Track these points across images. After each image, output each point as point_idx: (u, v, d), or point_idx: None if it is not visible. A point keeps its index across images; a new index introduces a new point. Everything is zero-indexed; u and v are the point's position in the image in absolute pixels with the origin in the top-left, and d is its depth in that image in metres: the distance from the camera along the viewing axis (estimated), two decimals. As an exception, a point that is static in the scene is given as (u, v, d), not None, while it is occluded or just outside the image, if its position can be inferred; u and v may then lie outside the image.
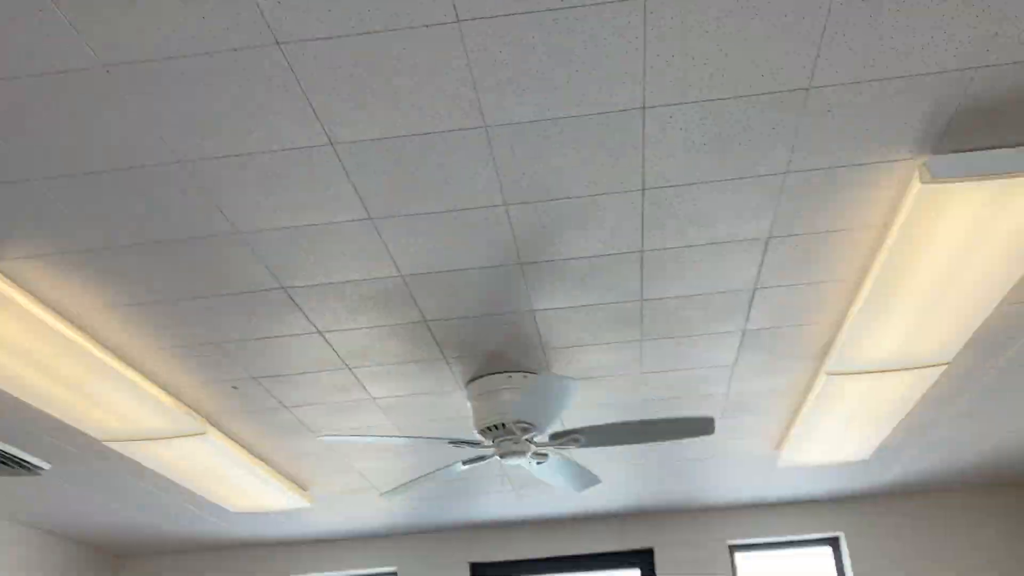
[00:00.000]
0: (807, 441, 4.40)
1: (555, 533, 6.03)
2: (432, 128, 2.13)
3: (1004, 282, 2.88)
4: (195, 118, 2.04)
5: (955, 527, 5.70)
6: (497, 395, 3.57)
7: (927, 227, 2.54)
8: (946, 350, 3.39)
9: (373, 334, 3.19)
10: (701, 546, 5.85)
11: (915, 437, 4.63)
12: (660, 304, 3.08)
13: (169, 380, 3.48)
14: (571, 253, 2.73)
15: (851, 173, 2.41)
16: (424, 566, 6.05)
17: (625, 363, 3.55)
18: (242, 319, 3.02)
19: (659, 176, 2.37)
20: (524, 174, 2.33)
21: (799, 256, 2.82)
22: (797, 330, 3.34)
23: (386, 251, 2.66)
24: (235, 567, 6.22)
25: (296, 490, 4.90)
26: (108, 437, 3.84)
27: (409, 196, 2.40)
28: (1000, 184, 2.35)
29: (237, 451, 4.18)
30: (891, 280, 2.83)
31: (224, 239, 2.54)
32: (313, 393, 3.68)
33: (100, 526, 5.48)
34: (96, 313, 2.92)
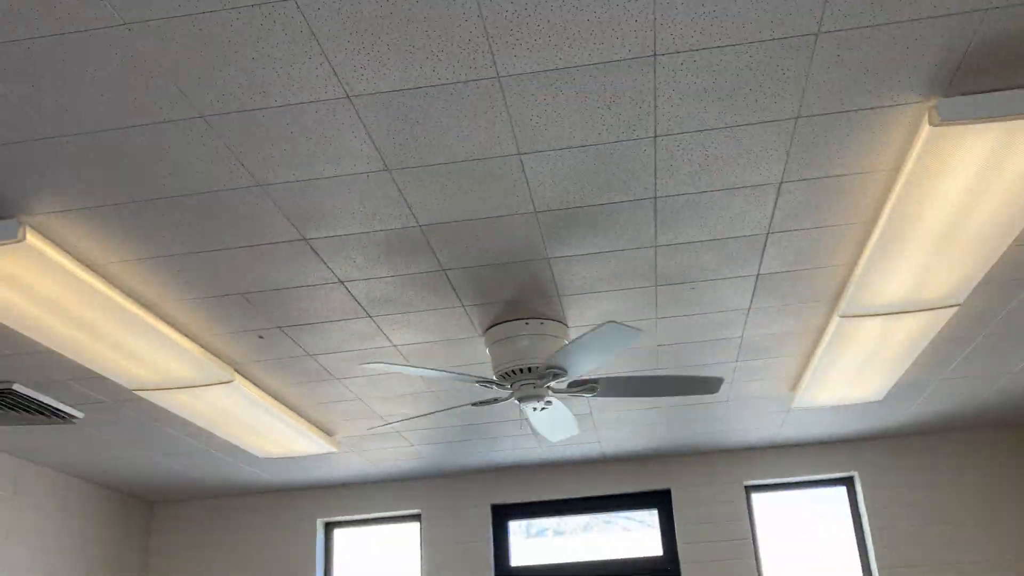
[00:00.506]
0: (821, 383, 4.47)
1: (574, 475, 6.16)
2: (446, 79, 2.17)
3: (1014, 224, 2.90)
4: (215, 73, 2.10)
5: (967, 466, 5.78)
6: (515, 341, 3.65)
7: (937, 170, 2.56)
8: (957, 292, 3.42)
9: (393, 283, 3.27)
10: (717, 487, 5.97)
11: (927, 378, 4.68)
12: (674, 250, 3.13)
13: (196, 331, 3.58)
14: (585, 200, 2.78)
15: (861, 117, 2.43)
16: (447, 508, 6.22)
17: (640, 309, 3.61)
18: (266, 270, 3.11)
19: (671, 123, 2.41)
20: (537, 123, 2.37)
21: (811, 200, 2.85)
22: (810, 273, 3.38)
23: (403, 201, 2.72)
24: (265, 511, 6.42)
25: (322, 435, 5.03)
26: (138, 386, 3.96)
27: (425, 147, 2.45)
28: (1009, 126, 2.37)
29: (264, 398, 4.30)
30: (902, 223, 2.87)
31: (246, 192, 2.61)
32: (336, 341, 3.77)
33: (133, 473, 5.66)
34: (123, 266, 3.01)
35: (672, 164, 2.60)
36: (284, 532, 6.34)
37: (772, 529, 5.98)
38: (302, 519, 6.35)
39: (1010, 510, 5.67)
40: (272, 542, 6.33)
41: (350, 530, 6.45)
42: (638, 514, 6.17)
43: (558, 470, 6.20)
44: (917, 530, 5.70)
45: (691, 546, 5.86)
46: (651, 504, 6.12)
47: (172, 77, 2.10)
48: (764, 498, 6.05)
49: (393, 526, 6.42)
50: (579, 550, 6.17)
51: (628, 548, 6.09)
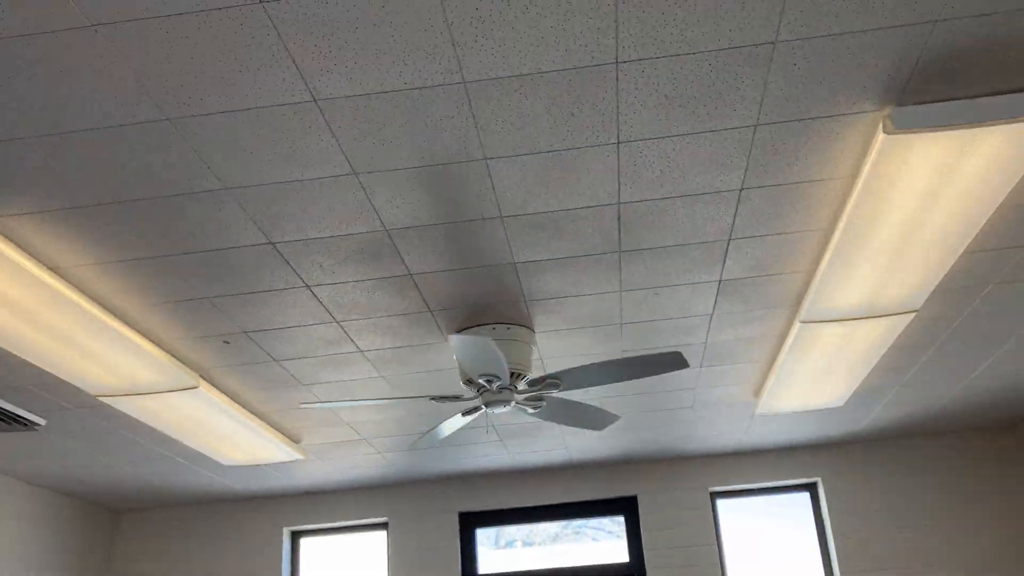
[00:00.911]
0: (784, 388, 4.54)
1: (542, 482, 6.19)
2: (413, 84, 2.20)
3: (968, 230, 2.98)
4: (181, 76, 2.11)
5: (928, 471, 5.89)
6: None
7: (892, 177, 2.64)
8: (914, 298, 3.51)
9: (360, 288, 3.29)
10: (683, 493, 6.03)
11: (887, 384, 4.78)
12: (638, 255, 3.18)
13: (161, 335, 3.57)
14: (550, 206, 2.82)
15: (818, 125, 2.49)
16: (415, 516, 6.22)
17: (605, 314, 3.66)
18: (231, 274, 3.11)
19: (633, 130, 2.46)
20: (502, 128, 2.41)
21: (771, 207, 2.91)
22: (771, 279, 3.45)
23: (370, 205, 2.74)
24: (231, 519, 6.37)
25: (288, 443, 5.02)
26: (101, 392, 3.94)
27: (392, 151, 2.47)
28: (961, 135, 2.44)
29: (230, 405, 4.29)
30: (859, 230, 2.94)
31: (212, 195, 2.62)
32: (303, 347, 3.78)
33: (97, 481, 5.60)
34: (88, 269, 3.00)
35: (635, 170, 2.65)
36: (250, 541, 6.30)
37: (737, 535, 6.04)
38: (268, 527, 6.32)
39: (970, 514, 5.78)
40: (238, 551, 6.29)
41: (316, 539, 6.42)
42: (607, 523, 6.21)
43: (525, 477, 6.22)
44: (879, 535, 5.79)
45: (657, 552, 5.90)
46: (618, 510, 6.16)
47: (139, 80, 2.11)
48: (729, 504, 6.11)
49: (360, 534, 6.41)
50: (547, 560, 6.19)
51: (595, 555, 6.12)
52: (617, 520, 6.17)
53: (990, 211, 2.88)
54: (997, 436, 5.93)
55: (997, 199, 2.81)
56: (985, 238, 3.21)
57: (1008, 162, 2.59)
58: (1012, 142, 2.49)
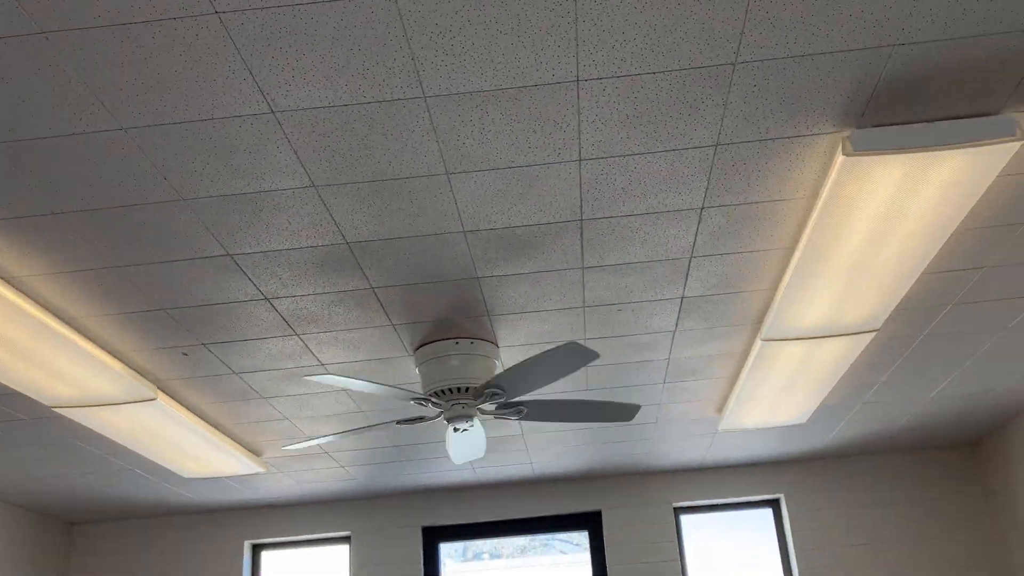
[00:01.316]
0: (746, 405, 4.56)
1: (506, 497, 6.16)
2: (372, 97, 2.18)
3: (926, 251, 3.01)
4: (137, 86, 2.08)
5: (890, 488, 5.94)
6: (446, 360, 3.65)
7: (851, 198, 2.65)
8: (875, 318, 3.53)
9: (320, 300, 3.25)
10: (647, 508, 6.03)
11: (849, 401, 4.81)
12: (601, 272, 3.18)
13: (117, 346, 3.51)
14: (513, 222, 2.81)
15: (778, 146, 2.51)
16: (377, 530, 6.16)
17: (568, 329, 3.65)
18: (189, 286, 3.06)
19: (595, 147, 2.45)
20: (464, 144, 2.40)
21: (732, 226, 2.92)
22: (733, 297, 3.46)
23: (330, 218, 2.71)
24: (190, 532, 6.27)
25: (249, 456, 4.95)
26: (57, 403, 3.86)
27: (352, 164, 2.45)
28: (918, 157, 2.47)
29: (188, 417, 4.22)
30: (820, 249, 2.96)
31: (169, 206, 2.58)
32: (263, 360, 3.73)
33: (52, 493, 5.49)
34: (42, 279, 2.94)
35: (597, 188, 2.65)
36: (210, 554, 6.20)
37: (700, 551, 6.05)
38: (228, 541, 6.23)
39: (931, 531, 5.83)
40: (198, 564, 6.19)
41: (278, 552, 6.34)
42: (574, 536, 6.19)
43: (489, 492, 6.19)
44: (841, 552, 5.82)
45: (621, 567, 5.89)
46: (582, 525, 6.14)
47: (91, 88, 2.07)
48: (692, 520, 6.12)
49: (322, 548, 6.33)
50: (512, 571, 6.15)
51: (560, 570, 6.10)
52: (583, 534, 6.15)
53: (948, 233, 2.91)
54: (957, 454, 5.99)
55: (955, 221, 2.84)
56: (943, 259, 3.24)
57: (965, 185, 2.62)
58: (969, 166, 2.52)
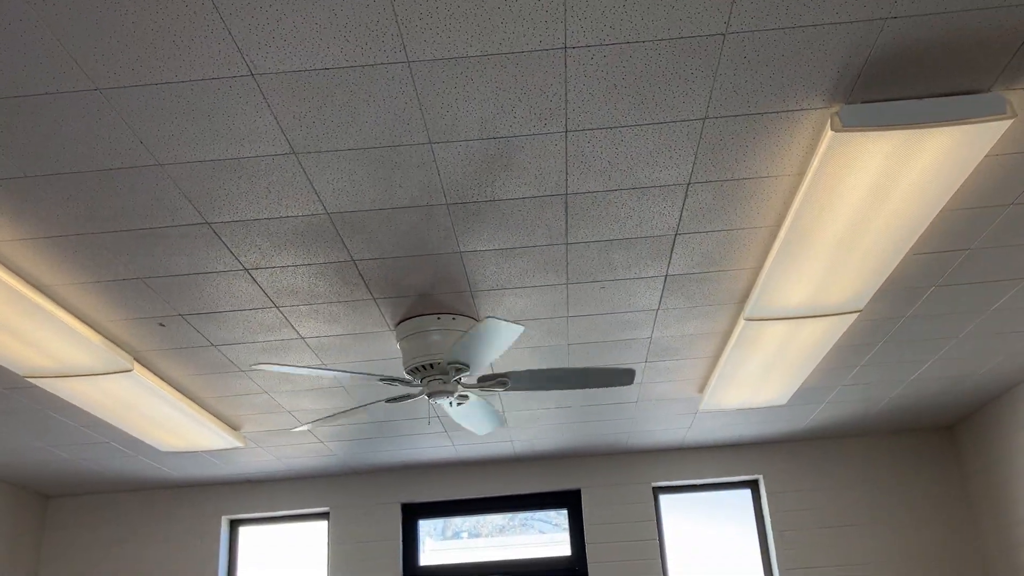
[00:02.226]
0: (728, 385, 4.55)
1: (485, 475, 6.15)
2: (354, 61, 2.13)
3: (911, 231, 3.00)
4: (112, 45, 2.02)
5: (868, 470, 5.97)
6: (426, 336, 3.62)
7: (839, 175, 2.63)
8: (858, 298, 3.53)
9: (300, 273, 3.20)
10: (626, 488, 6.03)
11: (830, 383, 4.82)
12: (584, 248, 3.15)
13: (93, 316, 3.45)
14: (497, 195, 2.77)
15: (767, 120, 2.48)
16: (356, 506, 6.13)
17: (552, 306, 3.62)
18: (166, 254, 3.01)
19: (581, 118, 2.41)
20: (448, 112, 2.35)
21: (718, 203, 2.90)
22: (717, 276, 3.44)
23: (311, 187, 2.66)
24: (167, 507, 6.23)
25: (227, 430, 4.91)
26: (31, 373, 3.80)
27: (333, 131, 2.40)
28: (907, 134, 2.44)
29: (166, 389, 4.17)
30: (805, 228, 2.93)
31: (145, 171, 2.52)
32: (241, 332, 3.68)
33: (26, 465, 5.42)
34: (13, 245, 2.88)
35: (583, 160, 2.61)
36: (187, 529, 6.16)
37: (679, 530, 6.07)
38: (206, 516, 6.19)
39: (908, 513, 5.87)
40: (174, 539, 6.15)
41: (256, 528, 6.31)
42: (553, 516, 6.20)
43: (469, 469, 6.17)
44: (819, 533, 5.85)
45: (599, 546, 5.90)
46: (561, 504, 6.15)
47: (65, 46, 2.01)
48: (671, 500, 6.13)
49: (300, 524, 6.31)
50: (490, 550, 6.16)
51: (538, 549, 6.11)
52: (561, 513, 6.15)
53: (934, 213, 2.90)
54: (935, 437, 6.03)
55: (941, 201, 2.83)
56: (928, 240, 3.23)
57: (953, 164, 2.61)
58: (957, 144, 2.50)
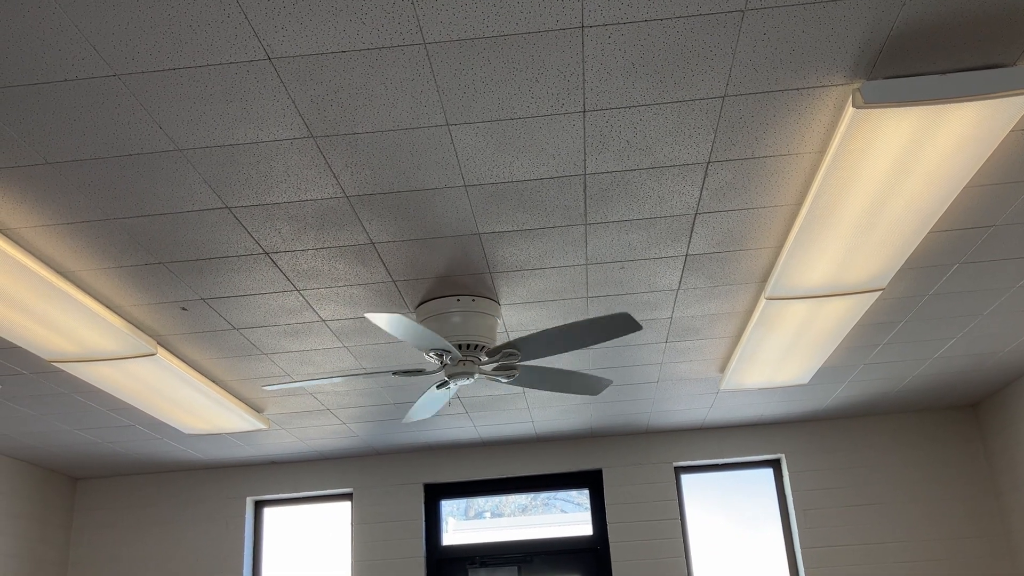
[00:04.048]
0: (749, 365, 4.54)
1: (507, 455, 6.18)
2: (371, 44, 2.13)
3: (934, 208, 2.96)
4: (129, 31, 2.02)
5: (891, 448, 5.94)
6: (447, 317, 3.63)
7: (860, 152, 2.60)
8: (880, 277, 3.49)
9: (320, 256, 3.21)
10: (647, 468, 6.04)
11: (852, 362, 4.79)
12: (604, 228, 3.13)
13: (116, 300, 3.48)
14: (515, 176, 2.76)
15: (787, 98, 2.45)
16: (380, 487, 6.18)
17: (571, 287, 3.61)
18: (187, 239, 3.03)
19: (599, 98, 2.40)
20: (465, 93, 2.34)
21: (738, 181, 2.87)
22: (738, 255, 3.42)
23: (329, 171, 2.66)
24: (192, 489, 6.30)
25: (251, 412, 4.95)
26: (56, 358, 3.84)
27: (351, 114, 2.40)
28: (930, 110, 2.41)
29: (189, 373, 4.21)
30: (826, 206, 2.91)
31: (165, 157, 2.53)
32: (263, 315, 3.70)
33: (54, 448, 5.50)
34: (36, 231, 2.91)
35: (601, 141, 2.60)
36: (212, 510, 6.24)
37: (700, 510, 6.07)
38: (231, 497, 6.26)
39: (930, 491, 5.84)
40: (200, 520, 6.23)
41: (280, 508, 6.38)
42: (575, 495, 6.22)
43: (491, 450, 6.20)
44: (841, 511, 5.84)
45: (621, 526, 5.92)
46: (583, 484, 6.17)
47: (82, 32, 2.02)
48: (693, 479, 6.14)
49: (324, 505, 6.37)
50: (513, 530, 6.19)
51: (560, 528, 6.13)
52: (583, 493, 6.17)
53: (957, 190, 2.86)
54: (958, 415, 5.99)
55: (965, 178, 2.79)
56: (951, 218, 3.19)
57: (977, 140, 2.57)
58: (981, 119, 2.46)
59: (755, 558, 5.95)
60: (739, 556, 5.95)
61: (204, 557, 6.13)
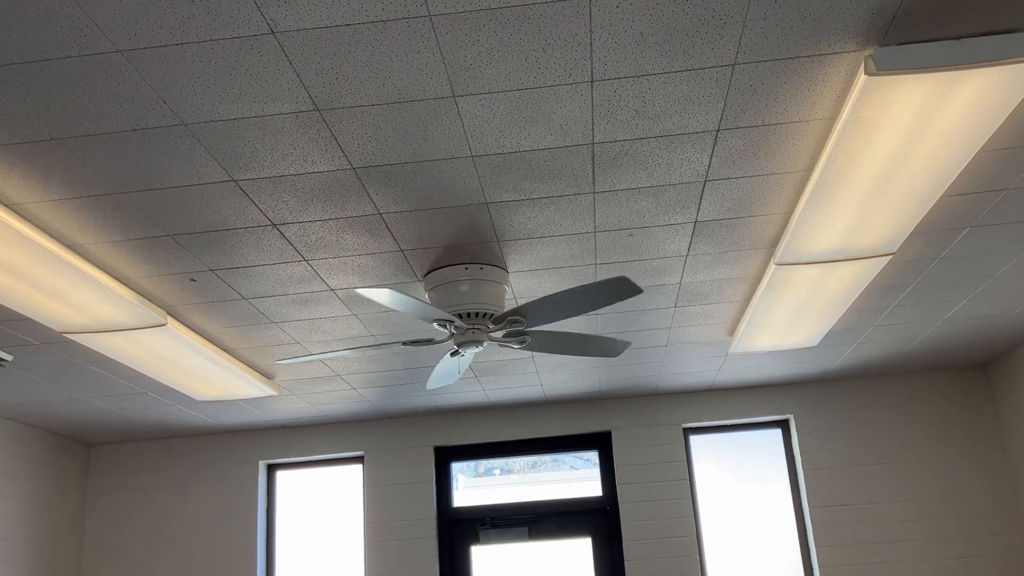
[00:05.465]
0: (758, 328, 4.53)
1: (516, 418, 6.22)
2: (375, 16, 2.10)
3: (947, 174, 2.93)
4: (130, 5, 1.99)
5: (899, 409, 5.96)
6: (455, 286, 3.63)
7: (872, 119, 2.57)
8: (891, 241, 3.47)
9: (328, 227, 3.21)
10: (656, 429, 6.08)
11: (862, 324, 4.78)
12: (612, 196, 3.11)
13: (125, 273, 3.49)
14: (522, 146, 2.74)
15: (798, 65, 2.41)
16: (390, 450, 6.24)
17: (579, 254, 3.60)
18: (195, 211, 3.02)
19: (608, 68, 2.37)
20: (471, 64, 2.31)
21: (749, 148, 2.84)
22: (747, 221, 3.39)
23: (336, 143, 2.65)
24: (206, 453, 6.37)
25: (262, 379, 4.98)
26: (67, 329, 3.86)
27: (356, 87, 2.37)
28: (943, 77, 2.37)
29: (200, 342, 4.23)
30: (837, 172, 2.88)
31: (170, 131, 2.52)
32: (272, 285, 3.71)
33: (68, 415, 5.56)
34: (44, 206, 2.90)
35: (610, 110, 2.57)
36: (226, 474, 6.32)
37: (709, 471, 6.12)
38: (244, 461, 6.33)
39: (938, 451, 5.87)
40: (213, 484, 6.31)
41: (293, 472, 6.45)
42: (584, 453, 6.27)
43: (500, 412, 6.24)
44: (849, 471, 5.87)
45: (630, 487, 5.97)
46: (592, 446, 6.21)
47: (85, 9, 1.99)
48: (702, 440, 6.17)
49: (336, 468, 6.43)
50: (522, 488, 6.26)
51: (569, 487, 6.19)
52: (591, 453, 6.22)
53: (970, 155, 2.83)
54: (967, 375, 5.99)
55: (978, 143, 2.76)
56: (963, 182, 3.16)
57: (990, 105, 2.53)
58: (995, 85, 2.43)
59: (763, 518, 6.00)
60: (747, 516, 6.01)
61: (218, 520, 6.22)
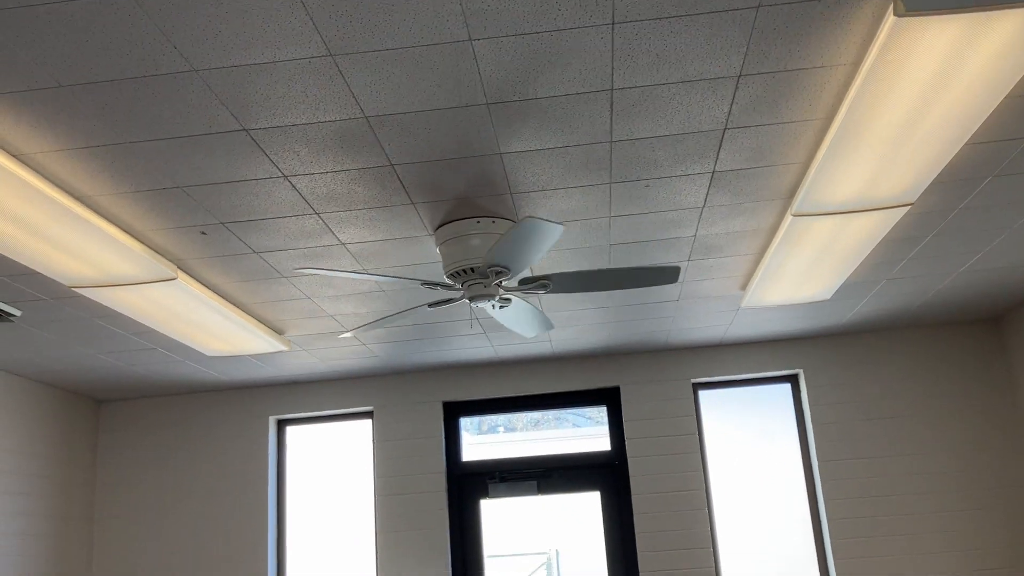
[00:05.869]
0: (772, 282, 4.50)
1: (525, 373, 6.21)
2: (392, -44, 2.03)
3: (971, 121, 2.87)
4: (139, -56, 1.93)
5: (910, 363, 5.94)
6: (466, 240, 3.59)
7: (899, 63, 2.50)
8: (911, 191, 3.42)
9: (339, 179, 3.16)
10: (665, 384, 6.07)
11: (875, 277, 4.74)
12: (629, 145, 3.06)
13: (134, 225, 3.45)
14: (539, 92, 2.68)
15: (824, 7, 2.34)
16: (399, 405, 6.25)
17: (594, 206, 3.56)
18: (205, 162, 2.97)
19: (628, 9, 2.30)
20: (488, 6, 2.25)
21: (770, 95, 2.78)
22: (766, 171, 3.34)
23: (348, 91, 2.59)
24: (216, 409, 6.39)
25: (272, 334, 4.97)
26: (76, 283, 3.84)
27: (371, 31, 2.31)
28: (973, 18, 2.31)
29: (210, 296, 4.20)
30: (859, 120, 2.82)
31: (180, 78, 2.46)
32: (282, 239, 3.67)
33: (77, 371, 5.56)
34: (51, 156, 2.86)
35: (630, 54, 2.50)
36: (236, 430, 6.33)
37: (718, 425, 6.12)
38: (254, 417, 6.34)
39: (949, 406, 5.86)
40: (223, 440, 6.33)
41: (302, 427, 6.47)
42: (588, 411, 6.27)
43: (509, 368, 6.23)
44: (859, 425, 5.87)
45: (639, 441, 5.98)
46: (600, 401, 6.21)
47: (92, -53, 1.93)
48: (711, 395, 6.17)
49: (345, 423, 6.45)
50: (530, 443, 6.28)
51: (578, 443, 6.21)
52: (599, 409, 6.23)
53: (997, 101, 2.76)
54: (979, 329, 5.96)
55: (1004, 89, 2.70)
56: (987, 129, 3.10)
57: (1018, 49, 2.46)
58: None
59: (772, 472, 6.02)
60: (756, 470, 6.03)
61: (229, 476, 6.25)
